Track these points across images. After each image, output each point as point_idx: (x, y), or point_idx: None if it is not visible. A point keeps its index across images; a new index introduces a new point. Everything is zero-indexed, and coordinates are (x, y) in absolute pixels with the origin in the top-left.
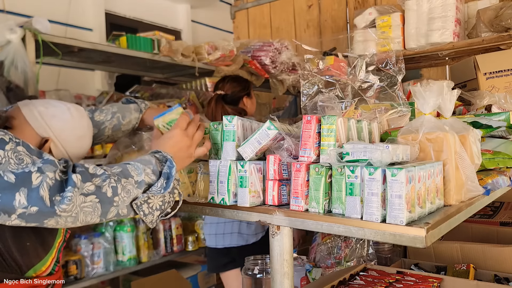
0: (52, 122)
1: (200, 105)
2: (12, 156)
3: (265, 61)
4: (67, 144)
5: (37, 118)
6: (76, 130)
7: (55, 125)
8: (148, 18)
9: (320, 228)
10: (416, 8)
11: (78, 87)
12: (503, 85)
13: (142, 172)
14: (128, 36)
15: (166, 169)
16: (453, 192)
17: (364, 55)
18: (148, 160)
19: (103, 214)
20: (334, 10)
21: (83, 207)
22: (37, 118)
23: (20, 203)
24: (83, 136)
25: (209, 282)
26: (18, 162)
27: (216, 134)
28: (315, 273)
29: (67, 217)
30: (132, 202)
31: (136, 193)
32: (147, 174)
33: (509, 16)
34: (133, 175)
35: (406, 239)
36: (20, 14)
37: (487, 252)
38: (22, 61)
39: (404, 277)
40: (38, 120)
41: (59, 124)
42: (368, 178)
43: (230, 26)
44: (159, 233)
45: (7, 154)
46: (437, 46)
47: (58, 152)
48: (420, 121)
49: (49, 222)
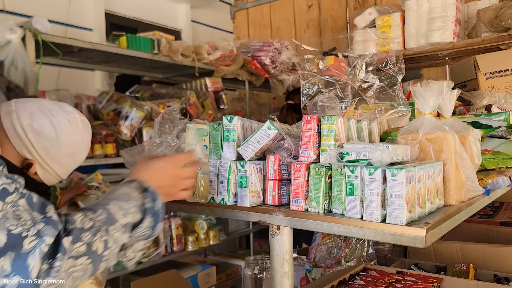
0: (37, 140)
1: (200, 105)
2: (10, 210)
3: (265, 61)
4: (55, 165)
5: (20, 135)
6: (68, 147)
7: (41, 145)
8: (148, 18)
9: (320, 228)
10: (416, 8)
11: (78, 87)
12: (503, 85)
13: (128, 213)
14: (128, 36)
15: (150, 203)
16: (453, 192)
17: (364, 55)
18: (128, 194)
19: (92, 273)
20: (334, 10)
21: (72, 272)
22: (20, 135)
23: (2, 269)
24: (76, 153)
25: (209, 282)
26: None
27: (216, 134)
28: (315, 273)
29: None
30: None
31: (124, 239)
32: (131, 213)
33: (509, 16)
34: (118, 218)
35: (406, 239)
36: (20, 14)
37: (487, 252)
38: (22, 61)
39: (404, 277)
40: (22, 139)
41: (46, 144)
42: (368, 178)
43: (230, 26)
44: (159, 233)
45: (6, 207)
46: (437, 46)
47: (45, 174)
48: (420, 121)
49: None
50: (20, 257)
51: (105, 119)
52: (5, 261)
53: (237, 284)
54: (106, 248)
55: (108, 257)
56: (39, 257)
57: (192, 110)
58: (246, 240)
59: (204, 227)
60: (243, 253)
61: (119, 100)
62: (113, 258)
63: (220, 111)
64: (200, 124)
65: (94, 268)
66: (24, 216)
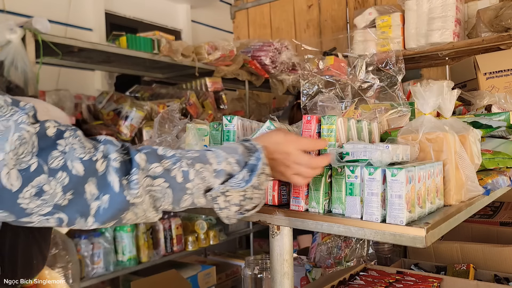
0: None
1: (200, 105)
2: (74, 141)
3: (265, 61)
4: None
5: None
6: None
7: None
8: (148, 18)
9: (320, 228)
10: (416, 8)
11: (78, 87)
12: (503, 85)
13: (223, 161)
14: (128, 36)
15: (253, 161)
16: (453, 192)
17: (364, 55)
18: (233, 148)
19: (175, 201)
20: (334, 10)
21: (150, 190)
22: None
23: (91, 194)
24: None
25: (209, 282)
26: (82, 147)
27: (216, 134)
28: (315, 273)
29: (140, 204)
30: (206, 193)
31: (212, 182)
32: (229, 163)
33: (509, 16)
34: (212, 162)
35: (406, 239)
36: (20, 14)
37: (487, 252)
38: (22, 61)
39: (404, 277)
40: None
41: None
42: (368, 178)
43: (230, 26)
44: (159, 233)
45: (69, 141)
46: (437, 46)
47: None
48: (420, 121)
49: (126, 215)
50: (100, 178)
51: (105, 119)
52: (90, 186)
53: (237, 284)
54: (188, 180)
55: (192, 192)
56: (115, 174)
57: (192, 110)
58: (246, 240)
59: (204, 227)
60: (243, 253)
61: (119, 100)
62: (198, 195)
63: (220, 111)
64: (200, 124)
65: (174, 196)
66: (86, 144)
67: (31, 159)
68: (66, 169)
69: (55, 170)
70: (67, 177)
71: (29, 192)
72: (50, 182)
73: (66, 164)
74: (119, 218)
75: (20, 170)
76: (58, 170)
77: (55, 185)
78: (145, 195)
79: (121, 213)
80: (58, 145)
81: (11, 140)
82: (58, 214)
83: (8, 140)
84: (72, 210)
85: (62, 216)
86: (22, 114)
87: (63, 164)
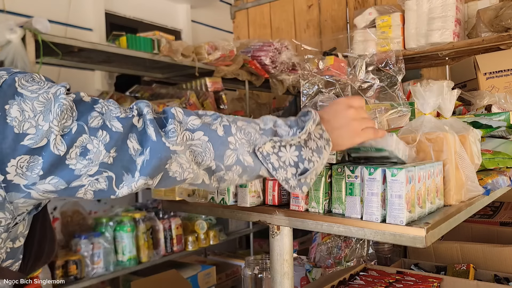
0: None
1: (200, 105)
2: (109, 104)
3: (265, 61)
4: None
5: None
6: None
7: None
8: (148, 18)
9: (320, 228)
10: (416, 8)
11: (78, 87)
12: (503, 85)
13: (271, 122)
14: (128, 36)
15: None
16: (453, 192)
17: (364, 55)
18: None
19: (217, 156)
20: (334, 10)
21: (190, 144)
22: None
23: (134, 149)
24: None
25: (209, 282)
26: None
27: None
28: (315, 273)
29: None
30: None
31: (259, 139)
32: (277, 126)
33: (509, 16)
34: (258, 122)
35: (406, 239)
36: (20, 14)
37: (487, 252)
38: (22, 61)
39: (404, 277)
40: None
41: None
42: (368, 178)
43: (230, 26)
44: (159, 233)
45: (104, 103)
46: (437, 46)
47: None
48: (420, 121)
49: (171, 166)
50: (140, 133)
51: None
52: (132, 142)
53: (237, 284)
54: (230, 134)
55: (235, 147)
56: (151, 126)
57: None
58: (246, 240)
59: (204, 227)
60: (243, 253)
61: (119, 100)
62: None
63: (220, 111)
64: None
65: (215, 150)
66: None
67: (72, 123)
68: (106, 127)
69: (95, 129)
70: (107, 135)
71: (74, 153)
72: (92, 141)
73: (105, 123)
74: (165, 170)
75: (63, 135)
76: (99, 129)
77: (98, 143)
78: (186, 149)
79: (165, 162)
80: (95, 108)
81: (54, 110)
82: (106, 172)
83: (51, 110)
84: (118, 166)
85: (111, 174)
86: (59, 87)
87: (102, 123)
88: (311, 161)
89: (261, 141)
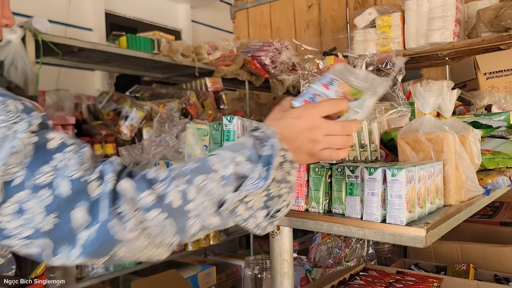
0: None
1: (200, 105)
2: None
3: (265, 61)
4: None
5: None
6: None
7: None
8: (148, 18)
9: (320, 228)
10: (416, 8)
11: (78, 87)
12: (503, 85)
13: (231, 163)
14: (128, 36)
15: (268, 150)
16: (453, 192)
17: (364, 55)
18: (242, 143)
19: (179, 232)
20: (334, 10)
21: (145, 228)
22: None
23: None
24: None
25: (209, 282)
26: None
27: (216, 134)
28: (315, 273)
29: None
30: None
31: (223, 193)
32: (238, 164)
33: (509, 16)
34: (216, 168)
35: (406, 239)
36: (20, 14)
37: (487, 252)
38: (22, 61)
39: (404, 277)
40: None
41: None
42: (368, 178)
43: (230, 26)
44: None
45: (67, 155)
46: (437, 46)
47: None
48: (420, 121)
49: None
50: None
51: (105, 119)
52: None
53: (237, 284)
54: (188, 201)
55: (197, 213)
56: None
57: (192, 110)
58: (246, 240)
59: None
60: (243, 253)
61: (119, 100)
62: (208, 215)
63: (220, 111)
64: (200, 124)
65: (177, 225)
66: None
67: (19, 172)
68: (52, 187)
69: (39, 186)
70: (51, 196)
71: (9, 208)
72: (32, 200)
73: (54, 181)
74: (112, 254)
75: (4, 182)
76: (44, 187)
77: (38, 204)
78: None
79: (111, 247)
80: (53, 159)
81: (4, 150)
82: (41, 239)
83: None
84: (57, 234)
85: (46, 242)
86: (23, 123)
87: (51, 180)
88: (281, 195)
89: (224, 194)
